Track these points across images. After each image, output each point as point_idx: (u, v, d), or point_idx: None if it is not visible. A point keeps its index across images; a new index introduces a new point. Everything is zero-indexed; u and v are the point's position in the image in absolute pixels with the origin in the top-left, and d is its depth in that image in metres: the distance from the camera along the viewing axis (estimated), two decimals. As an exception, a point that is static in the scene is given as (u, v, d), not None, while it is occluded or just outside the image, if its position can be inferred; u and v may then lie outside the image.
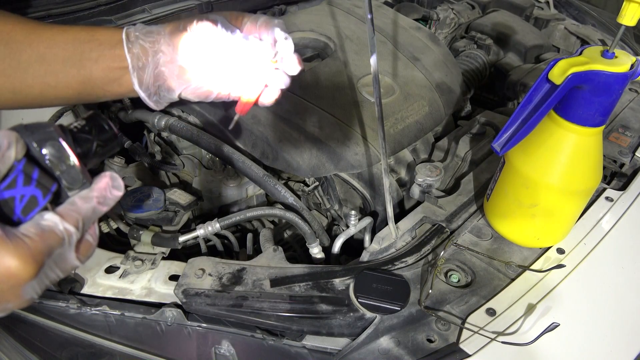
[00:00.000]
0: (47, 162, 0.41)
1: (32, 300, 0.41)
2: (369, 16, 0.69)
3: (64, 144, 0.42)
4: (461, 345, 0.71)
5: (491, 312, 0.76)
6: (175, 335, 0.76)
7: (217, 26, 0.60)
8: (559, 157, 0.76)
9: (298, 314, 0.75)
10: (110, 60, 0.60)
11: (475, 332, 0.72)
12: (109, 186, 0.45)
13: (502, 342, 0.70)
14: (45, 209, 0.41)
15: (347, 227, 0.94)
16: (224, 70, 0.63)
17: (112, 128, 0.49)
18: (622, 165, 1.10)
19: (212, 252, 1.02)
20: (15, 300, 0.39)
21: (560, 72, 0.68)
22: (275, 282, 0.79)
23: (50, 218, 0.40)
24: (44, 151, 0.41)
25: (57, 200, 0.43)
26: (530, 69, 1.44)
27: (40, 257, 0.38)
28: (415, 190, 1.01)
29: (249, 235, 1.04)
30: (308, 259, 1.00)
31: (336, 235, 0.96)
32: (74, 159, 0.43)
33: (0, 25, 0.57)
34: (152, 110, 1.18)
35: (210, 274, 0.80)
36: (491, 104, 1.56)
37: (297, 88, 1.09)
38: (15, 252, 0.37)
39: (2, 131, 0.39)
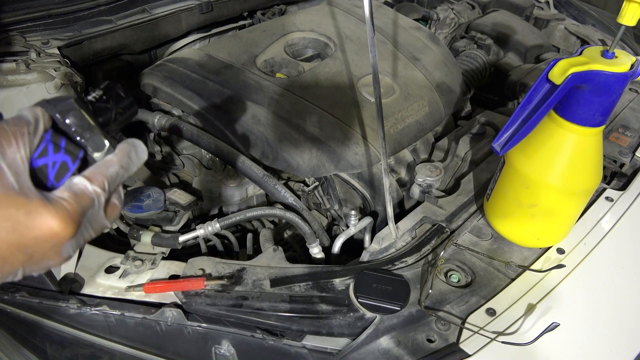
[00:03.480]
0: (72, 130, 0.44)
1: (69, 258, 0.44)
2: (369, 16, 0.69)
3: (85, 113, 0.45)
4: (461, 345, 0.71)
5: (491, 312, 0.76)
6: (175, 335, 0.76)
7: None
8: (559, 157, 0.76)
9: (298, 314, 0.75)
10: None
11: (475, 332, 0.72)
12: (132, 151, 0.48)
13: (502, 342, 0.70)
14: (75, 173, 0.44)
15: (347, 227, 0.94)
16: None
17: (129, 96, 0.51)
18: (622, 165, 1.10)
19: (212, 252, 1.02)
20: (56, 258, 0.42)
21: (560, 72, 0.68)
22: (275, 282, 0.79)
23: (80, 181, 0.43)
24: (68, 121, 0.44)
25: (85, 165, 0.46)
26: (530, 69, 1.44)
27: (77, 217, 0.42)
28: (415, 190, 1.01)
29: (249, 235, 1.04)
30: (308, 259, 0.99)
31: (336, 235, 0.96)
32: (96, 126, 0.45)
33: None
34: (152, 110, 1.18)
35: (210, 274, 0.80)
36: (491, 104, 1.56)
37: (297, 88, 1.09)
38: (56, 214, 0.40)
39: (27, 108, 0.42)
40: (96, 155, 0.46)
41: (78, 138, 0.45)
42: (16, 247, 0.39)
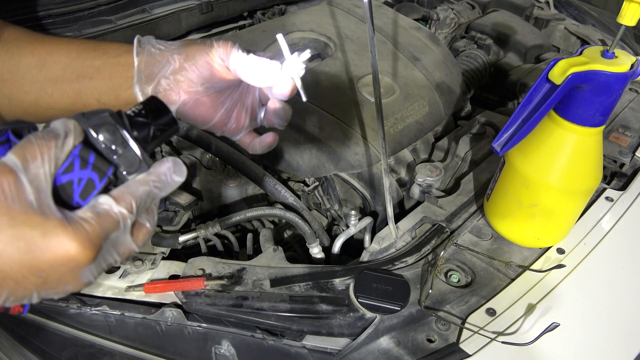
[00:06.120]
0: (103, 146, 0.42)
1: (90, 284, 0.41)
2: (369, 16, 0.69)
3: (120, 128, 0.42)
4: (461, 345, 0.71)
5: (491, 312, 0.76)
6: (175, 335, 0.76)
7: (235, 46, 0.58)
8: (558, 157, 0.76)
9: (298, 314, 0.75)
10: (113, 67, 0.58)
11: (475, 332, 0.72)
12: (169, 171, 0.45)
13: (502, 342, 0.70)
14: (103, 192, 0.42)
15: (347, 227, 0.94)
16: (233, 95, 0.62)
17: (170, 112, 0.48)
18: (622, 165, 1.10)
19: (212, 252, 1.02)
20: (74, 283, 0.40)
21: (560, 72, 0.68)
22: (275, 282, 0.79)
23: (105, 201, 0.40)
24: (100, 136, 0.42)
25: (115, 184, 0.43)
26: (530, 69, 1.44)
27: (98, 241, 0.39)
28: (415, 190, 1.01)
29: (249, 235, 1.04)
30: (308, 259, 0.99)
31: (336, 235, 0.96)
32: (130, 143, 0.43)
33: (7, 32, 0.57)
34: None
35: (210, 274, 0.80)
36: (491, 104, 1.56)
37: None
38: (75, 236, 0.37)
39: (60, 120, 0.40)
40: (129, 173, 0.43)
41: (109, 154, 0.42)
42: (29, 270, 0.37)
